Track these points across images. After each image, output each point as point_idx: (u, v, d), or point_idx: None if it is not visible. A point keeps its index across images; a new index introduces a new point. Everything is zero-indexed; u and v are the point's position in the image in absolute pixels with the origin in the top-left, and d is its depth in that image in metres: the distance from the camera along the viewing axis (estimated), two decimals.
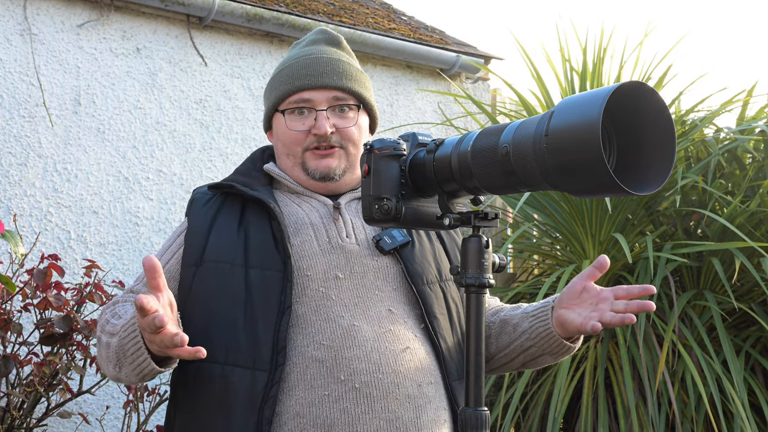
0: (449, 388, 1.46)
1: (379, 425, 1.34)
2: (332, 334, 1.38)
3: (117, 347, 1.34)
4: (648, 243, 3.00)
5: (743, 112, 3.60)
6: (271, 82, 1.63)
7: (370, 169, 1.27)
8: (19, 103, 3.39)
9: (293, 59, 1.61)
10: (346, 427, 1.33)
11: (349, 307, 1.42)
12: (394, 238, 1.52)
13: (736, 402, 2.84)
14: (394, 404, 1.36)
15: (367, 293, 1.45)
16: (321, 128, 1.53)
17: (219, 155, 3.83)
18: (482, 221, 1.22)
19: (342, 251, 1.49)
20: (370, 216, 1.27)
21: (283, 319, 1.37)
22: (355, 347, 1.38)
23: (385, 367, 1.38)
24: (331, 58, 1.60)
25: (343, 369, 1.36)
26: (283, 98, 1.57)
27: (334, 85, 1.56)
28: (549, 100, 3.58)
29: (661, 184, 1.01)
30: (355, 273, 1.47)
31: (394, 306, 1.46)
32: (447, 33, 4.99)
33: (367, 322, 1.41)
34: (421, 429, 1.38)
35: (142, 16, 3.71)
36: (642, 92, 1.00)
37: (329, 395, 1.34)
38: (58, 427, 3.23)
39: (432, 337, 1.47)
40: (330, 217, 1.54)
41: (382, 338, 1.40)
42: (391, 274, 1.50)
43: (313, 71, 1.56)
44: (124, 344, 1.32)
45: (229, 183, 1.56)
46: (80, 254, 3.43)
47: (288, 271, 1.41)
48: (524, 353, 1.55)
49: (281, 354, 1.35)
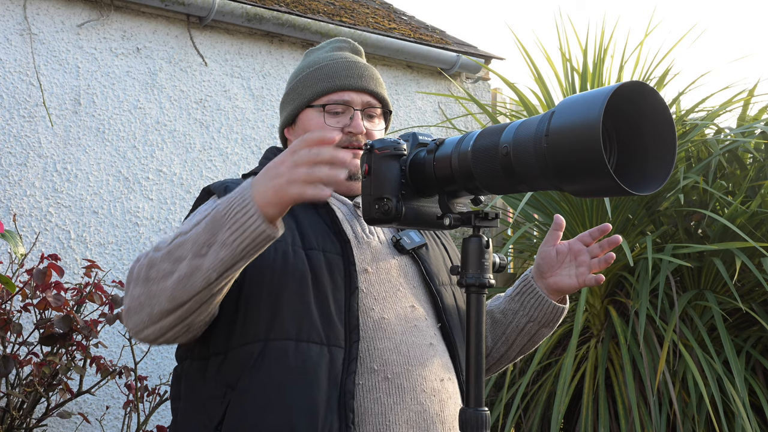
0: (463, 386, 1.49)
1: (409, 417, 1.37)
2: (364, 324, 1.41)
3: (209, 223, 1.23)
4: (648, 243, 3.00)
5: (744, 112, 3.60)
6: (305, 79, 1.65)
7: (370, 169, 1.27)
8: (19, 103, 3.39)
9: (328, 60, 1.66)
10: (378, 416, 1.35)
11: (378, 300, 1.46)
12: (413, 239, 1.57)
13: (737, 402, 2.84)
14: (422, 396, 1.40)
15: (393, 288, 1.49)
16: (358, 127, 1.58)
17: (219, 155, 3.83)
18: (482, 221, 1.22)
19: (368, 247, 1.52)
20: (370, 216, 1.27)
21: (352, 298, 1.40)
22: (386, 339, 1.41)
23: (414, 359, 1.42)
24: (366, 64, 1.68)
25: (375, 359, 1.39)
26: (321, 94, 1.61)
27: (371, 90, 1.63)
28: (549, 100, 3.58)
29: (662, 184, 1.01)
30: (381, 268, 1.50)
31: (416, 303, 1.50)
32: (447, 33, 4.98)
33: (394, 315, 1.45)
34: (445, 423, 1.42)
35: (142, 16, 3.71)
36: (643, 92, 1.00)
37: (363, 385, 1.36)
38: (58, 427, 3.23)
39: (448, 335, 1.52)
40: (352, 214, 1.57)
41: (409, 332, 1.44)
42: (410, 273, 1.54)
43: (353, 73, 1.63)
44: (225, 210, 1.21)
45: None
46: (80, 254, 3.42)
47: (348, 254, 1.45)
48: (521, 332, 1.63)
49: (354, 331, 1.38)
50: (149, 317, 1.29)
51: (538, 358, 3.13)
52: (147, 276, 1.29)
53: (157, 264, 1.28)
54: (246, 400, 1.33)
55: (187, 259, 1.24)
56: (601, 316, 3.32)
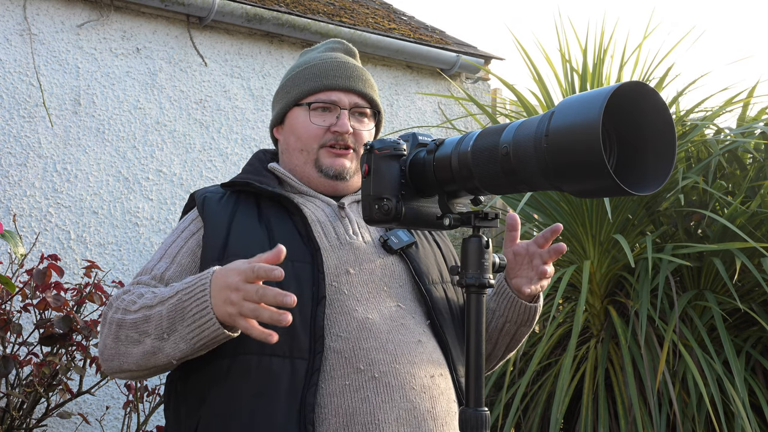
0: (456, 382, 1.49)
1: (399, 414, 1.37)
2: (348, 326, 1.41)
3: (171, 311, 1.31)
4: (648, 243, 3.00)
5: (744, 112, 3.60)
6: (294, 79, 1.67)
7: (370, 169, 1.27)
8: (19, 103, 3.39)
9: (318, 60, 1.67)
10: (367, 416, 1.35)
11: (361, 302, 1.45)
12: (401, 239, 1.56)
13: (736, 402, 2.84)
14: (411, 394, 1.39)
15: (376, 289, 1.49)
16: (344, 126, 1.59)
17: (219, 155, 3.83)
18: (482, 221, 1.22)
19: (351, 248, 1.52)
20: (370, 216, 1.27)
21: (318, 308, 1.40)
22: (371, 339, 1.41)
23: (401, 357, 1.41)
24: (356, 65, 1.68)
25: (361, 359, 1.38)
26: (308, 93, 1.62)
27: (359, 91, 1.63)
28: (549, 101, 3.58)
29: (662, 184, 1.01)
30: (364, 269, 1.50)
31: (401, 302, 1.50)
32: (447, 33, 4.98)
33: (379, 315, 1.45)
34: (436, 419, 1.41)
35: (142, 16, 3.71)
36: (642, 92, 1.00)
37: (350, 385, 1.36)
38: (58, 428, 3.23)
39: (438, 332, 1.51)
40: (335, 215, 1.57)
41: (395, 331, 1.44)
42: (396, 272, 1.54)
43: (341, 73, 1.63)
44: (185, 305, 1.30)
45: (246, 180, 1.58)
46: (80, 254, 3.42)
47: (318, 263, 1.44)
48: (502, 332, 1.62)
49: (319, 342, 1.37)
50: (120, 370, 1.41)
51: (538, 358, 3.13)
52: (117, 335, 1.39)
53: (126, 328, 1.38)
54: (213, 415, 1.38)
55: (150, 337, 1.34)
56: (601, 316, 3.32)
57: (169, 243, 1.55)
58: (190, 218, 1.58)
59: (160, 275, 1.48)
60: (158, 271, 1.49)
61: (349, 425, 1.34)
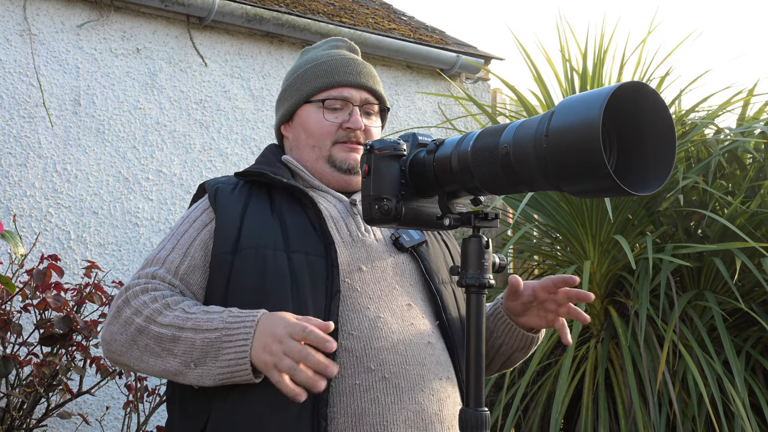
0: (461, 384, 1.48)
1: (407, 416, 1.36)
2: (360, 324, 1.40)
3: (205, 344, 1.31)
4: (648, 244, 3.00)
5: (744, 112, 3.60)
6: (303, 75, 1.66)
7: (370, 169, 1.27)
8: (19, 103, 3.39)
9: (327, 57, 1.66)
10: (375, 416, 1.34)
11: (373, 300, 1.44)
12: (412, 237, 1.56)
13: (736, 402, 2.84)
14: (420, 396, 1.39)
15: (388, 287, 1.48)
16: (357, 123, 1.60)
17: (219, 155, 3.83)
18: (482, 221, 1.22)
19: (363, 245, 1.51)
20: (370, 216, 1.27)
21: (332, 302, 1.39)
22: (383, 338, 1.40)
23: (411, 359, 1.40)
24: (363, 62, 1.69)
25: (372, 359, 1.37)
26: (320, 90, 1.62)
27: (370, 87, 1.65)
28: (549, 101, 3.58)
29: (662, 184, 1.01)
30: (376, 267, 1.49)
31: (412, 301, 1.49)
32: (447, 33, 4.98)
33: (391, 314, 1.44)
34: (443, 422, 1.41)
35: (142, 17, 3.71)
36: (642, 92, 1.00)
37: (360, 385, 1.35)
38: (58, 428, 3.23)
39: (447, 333, 1.50)
40: (348, 212, 1.57)
41: (406, 331, 1.43)
42: (407, 271, 1.53)
43: (352, 70, 1.64)
44: (223, 346, 1.29)
45: (260, 171, 1.57)
46: (80, 255, 3.42)
47: (332, 256, 1.43)
48: (498, 353, 1.60)
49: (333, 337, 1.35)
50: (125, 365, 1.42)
51: (538, 358, 3.13)
52: (134, 339, 1.38)
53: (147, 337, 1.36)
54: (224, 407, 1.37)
55: (176, 360, 1.33)
56: (601, 317, 3.32)
57: (181, 232, 1.52)
58: (202, 207, 1.55)
59: (175, 269, 1.46)
60: (172, 264, 1.46)
61: (357, 425, 1.33)
